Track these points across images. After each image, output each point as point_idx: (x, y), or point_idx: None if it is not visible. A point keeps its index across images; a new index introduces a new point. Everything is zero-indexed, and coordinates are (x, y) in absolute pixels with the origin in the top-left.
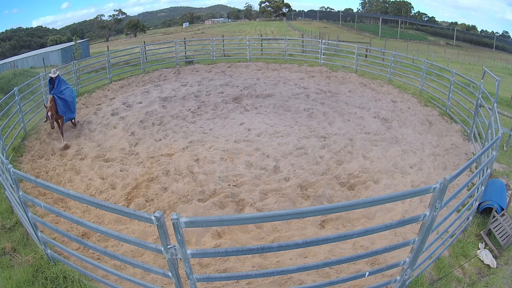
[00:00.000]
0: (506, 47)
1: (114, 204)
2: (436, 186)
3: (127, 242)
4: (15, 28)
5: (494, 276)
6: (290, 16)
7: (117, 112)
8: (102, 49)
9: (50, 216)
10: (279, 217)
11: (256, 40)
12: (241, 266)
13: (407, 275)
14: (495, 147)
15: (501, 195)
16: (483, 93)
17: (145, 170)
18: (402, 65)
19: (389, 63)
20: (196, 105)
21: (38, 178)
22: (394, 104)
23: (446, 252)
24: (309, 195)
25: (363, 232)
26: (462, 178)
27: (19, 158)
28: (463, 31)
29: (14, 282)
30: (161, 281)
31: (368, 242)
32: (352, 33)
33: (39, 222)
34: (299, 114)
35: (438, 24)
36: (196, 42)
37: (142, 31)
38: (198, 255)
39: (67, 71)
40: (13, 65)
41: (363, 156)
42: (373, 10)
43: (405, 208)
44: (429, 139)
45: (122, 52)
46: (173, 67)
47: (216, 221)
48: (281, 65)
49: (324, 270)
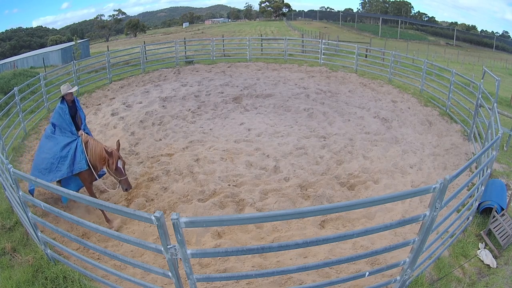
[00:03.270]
0: (506, 47)
1: (114, 204)
2: (436, 186)
3: (127, 242)
4: (15, 28)
5: (494, 276)
6: (290, 16)
7: (117, 112)
8: (102, 49)
9: (50, 216)
10: (279, 217)
11: (256, 40)
12: (241, 266)
13: (407, 275)
14: (495, 147)
15: (501, 195)
16: (483, 93)
17: (145, 170)
18: (402, 65)
19: (389, 63)
20: (196, 105)
21: (38, 178)
22: (394, 104)
23: (446, 252)
24: (309, 195)
25: (363, 232)
26: (462, 178)
27: (19, 158)
28: (463, 31)
29: (14, 282)
30: (161, 281)
31: (368, 242)
32: (352, 33)
33: (39, 222)
34: (299, 114)
35: (438, 24)
36: (196, 42)
37: (142, 31)
38: (198, 255)
39: (67, 71)
40: (13, 65)
41: (363, 156)
42: (373, 10)
43: (405, 208)
44: (429, 139)
45: (122, 52)
46: (173, 67)
47: (216, 221)
48: (281, 65)
49: (324, 270)
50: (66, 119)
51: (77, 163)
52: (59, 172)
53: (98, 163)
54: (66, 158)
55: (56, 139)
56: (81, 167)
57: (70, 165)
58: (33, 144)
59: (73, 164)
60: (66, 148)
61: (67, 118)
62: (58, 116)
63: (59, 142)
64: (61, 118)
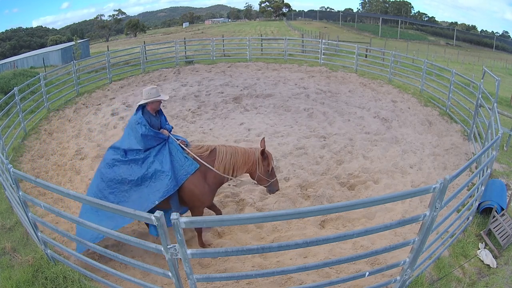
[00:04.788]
0: (506, 47)
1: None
2: (436, 186)
3: (127, 242)
4: (15, 28)
5: (494, 276)
6: (290, 16)
7: (117, 112)
8: (102, 49)
9: (50, 216)
10: (279, 217)
11: (256, 40)
12: (241, 266)
13: (407, 275)
14: (495, 147)
15: (501, 195)
16: (483, 93)
17: None
18: (402, 65)
19: (389, 63)
20: (196, 105)
21: (38, 178)
22: (394, 104)
23: (446, 252)
24: (309, 195)
25: (363, 232)
26: (462, 178)
27: (19, 158)
28: (463, 31)
29: (14, 282)
30: (161, 281)
31: (368, 242)
32: (352, 33)
33: (39, 222)
34: (299, 114)
35: (438, 24)
36: (196, 42)
37: (142, 31)
38: (198, 255)
39: (67, 71)
40: (13, 65)
41: (363, 156)
42: (373, 10)
43: (405, 208)
44: (429, 139)
45: (122, 52)
46: (173, 67)
47: (216, 221)
48: (281, 65)
49: (324, 270)
50: (148, 128)
51: (182, 168)
52: (157, 193)
53: (238, 170)
54: (162, 172)
55: (135, 159)
56: (189, 169)
57: (172, 177)
58: (33, 144)
59: (177, 170)
60: (157, 158)
61: (146, 124)
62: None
63: (143, 158)
64: (140, 138)
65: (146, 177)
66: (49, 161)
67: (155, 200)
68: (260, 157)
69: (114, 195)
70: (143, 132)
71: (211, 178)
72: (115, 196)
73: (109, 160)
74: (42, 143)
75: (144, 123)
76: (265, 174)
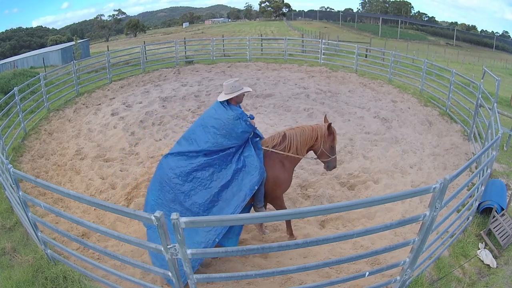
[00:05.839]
0: (506, 47)
1: (114, 204)
2: (436, 186)
3: (127, 242)
4: (15, 28)
5: (494, 276)
6: (290, 16)
7: (117, 112)
8: (102, 49)
9: (50, 216)
10: (279, 217)
11: (256, 40)
12: (241, 266)
13: (407, 275)
14: (495, 147)
15: (501, 195)
16: (483, 93)
17: (145, 170)
18: (402, 65)
19: (389, 63)
20: (196, 105)
21: (38, 178)
22: (394, 104)
23: (446, 252)
24: (309, 195)
25: (363, 232)
26: (462, 178)
27: (19, 158)
28: (463, 31)
29: (14, 282)
30: (161, 281)
31: (368, 242)
32: (352, 33)
33: (39, 222)
34: (299, 114)
35: (438, 24)
36: (196, 42)
37: (142, 31)
38: (198, 255)
39: (67, 71)
40: (13, 65)
41: (363, 156)
42: (373, 10)
43: (405, 208)
44: (429, 139)
45: (122, 52)
46: (173, 67)
47: (216, 221)
48: (281, 65)
49: (324, 270)
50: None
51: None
52: (248, 186)
53: (307, 148)
54: (251, 166)
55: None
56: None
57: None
58: (33, 144)
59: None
60: (243, 153)
61: (250, 129)
62: (217, 136)
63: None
64: (239, 134)
65: (237, 172)
66: (49, 161)
67: (247, 194)
68: (326, 132)
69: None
70: (244, 129)
71: (287, 164)
72: (203, 200)
73: (184, 169)
74: (42, 143)
75: (246, 118)
76: (329, 149)
